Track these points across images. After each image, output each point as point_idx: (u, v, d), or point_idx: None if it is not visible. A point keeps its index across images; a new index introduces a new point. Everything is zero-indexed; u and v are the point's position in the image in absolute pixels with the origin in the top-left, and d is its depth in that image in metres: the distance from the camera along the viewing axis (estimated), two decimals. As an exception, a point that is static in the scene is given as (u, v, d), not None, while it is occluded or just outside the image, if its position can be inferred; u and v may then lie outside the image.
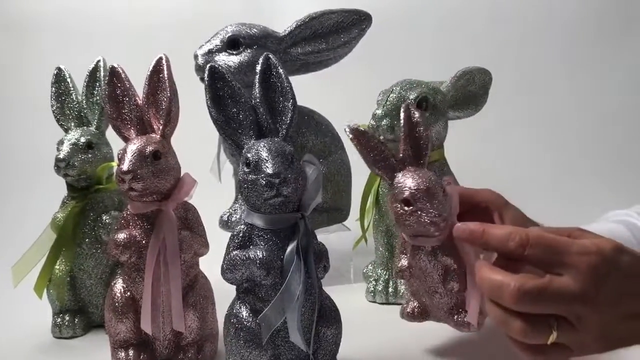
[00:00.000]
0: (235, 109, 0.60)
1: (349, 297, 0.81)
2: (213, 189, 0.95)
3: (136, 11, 1.52)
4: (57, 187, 0.82)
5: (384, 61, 1.37)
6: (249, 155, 0.57)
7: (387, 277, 0.88)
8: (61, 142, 0.78)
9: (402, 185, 0.59)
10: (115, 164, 0.76)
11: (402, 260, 0.65)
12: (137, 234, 0.63)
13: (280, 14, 1.41)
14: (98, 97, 0.81)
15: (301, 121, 0.92)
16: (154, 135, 0.64)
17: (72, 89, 0.81)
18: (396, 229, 0.65)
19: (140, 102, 0.64)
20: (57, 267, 0.79)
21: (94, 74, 0.82)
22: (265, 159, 0.55)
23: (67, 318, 0.79)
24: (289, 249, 0.57)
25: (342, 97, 1.34)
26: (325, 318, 0.60)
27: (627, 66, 1.49)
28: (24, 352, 0.76)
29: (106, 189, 0.80)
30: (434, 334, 0.72)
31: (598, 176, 1.39)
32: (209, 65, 0.60)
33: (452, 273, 0.61)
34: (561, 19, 1.51)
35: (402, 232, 0.63)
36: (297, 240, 0.57)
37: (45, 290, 0.80)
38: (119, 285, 0.67)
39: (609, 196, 1.19)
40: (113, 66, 0.65)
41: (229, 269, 0.58)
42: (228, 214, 0.95)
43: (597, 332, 0.46)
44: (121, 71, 0.64)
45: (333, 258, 0.63)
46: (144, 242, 0.63)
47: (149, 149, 0.62)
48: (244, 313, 0.58)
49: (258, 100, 0.60)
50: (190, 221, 0.66)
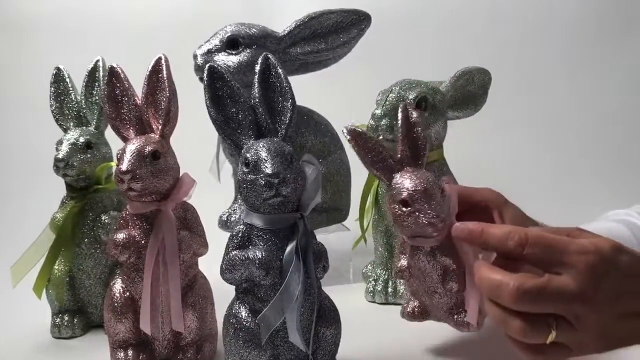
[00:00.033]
0: (234, 109, 0.60)
1: (348, 297, 0.81)
2: (212, 189, 0.95)
3: (136, 11, 1.53)
4: (56, 187, 0.82)
5: (383, 61, 1.37)
6: (248, 155, 0.57)
7: (386, 277, 0.88)
8: (60, 142, 0.78)
9: (399, 186, 0.59)
10: (114, 164, 0.76)
11: (401, 261, 0.65)
12: (136, 234, 0.63)
13: (280, 14, 1.41)
14: (97, 97, 0.81)
15: (300, 121, 0.92)
16: (153, 135, 0.64)
17: (71, 89, 0.81)
18: (395, 229, 0.65)
19: (139, 102, 0.64)
20: (56, 267, 0.79)
21: (93, 73, 0.82)
22: (265, 159, 0.55)
23: (66, 318, 0.79)
24: (288, 249, 0.56)
25: (341, 97, 1.34)
26: (324, 318, 0.60)
27: (627, 66, 1.49)
28: (23, 352, 0.76)
29: (105, 189, 0.80)
30: (433, 334, 0.72)
31: (598, 176, 1.39)
32: (208, 65, 0.60)
33: (451, 273, 0.60)
34: (561, 19, 1.51)
35: (401, 233, 0.63)
36: (296, 241, 0.57)
37: (45, 291, 0.80)
38: (118, 286, 0.67)
39: (609, 196, 1.19)
40: (112, 66, 0.65)
41: (228, 269, 0.58)
42: (227, 214, 0.95)
43: (596, 332, 0.46)
44: (120, 71, 0.64)
45: (332, 258, 0.63)
46: (143, 242, 0.63)
47: (148, 149, 0.62)
48: (243, 313, 0.58)
49: (257, 100, 0.60)
50: (189, 221, 0.66)
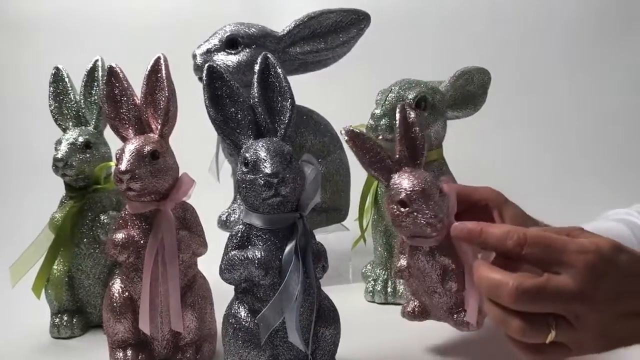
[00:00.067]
0: (233, 109, 0.60)
1: (348, 297, 0.81)
2: (211, 188, 0.95)
3: (135, 11, 1.53)
4: (55, 187, 0.81)
5: (383, 61, 1.37)
6: (247, 155, 0.56)
7: (385, 277, 0.88)
8: (59, 142, 0.78)
9: (398, 187, 0.59)
10: (113, 163, 0.76)
11: (401, 261, 0.65)
12: (135, 234, 0.63)
13: (279, 13, 1.41)
14: (96, 97, 0.81)
15: (300, 121, 0.92)
16: (152, 135, 0.64)
17: (70, 88, 0.81)
18: (394, 229, 0.65)
19: (138, 101, 0.64)
20: (55, 267, 0.79)
21: (92, 73, 0.81)
22: (264, 158, 0.55)
23: (65, 318, 0.79)
24: (287, 249, 0.56)
25: (340, 96, 1.34)
26: (323, 318, 0.60)
27: (627, 66, 1.49)
28: (22, 353, 0.76)
29: (104, 189, 0.80)
30: (433, 334, 0.72)
31: (598, 176, 1.38)
32: (207, 64, 0.60)
33: (450, 273, 0.60)
34: (561, 19, 1.51)
35: (399, 233, 0.63)
36: (295, 240, 0.56)
37: (44, 291, 0.79)
38: (117, 286, 0.66)
39: (609, 196, 1.19)
40: (111, 66, 0.64)
41: (227, 269, 0.58)
42: (226, 213, 0.95)
43: (596, 331, 0.46)
44: (119, 71, 0.64)
45: (332, 258, 0.63)
46: (142, 242, 0.63)
47: (147, 148, 0.61)
48: (243, 313, 0.58)
49: (256, 99, 0.60)
50: (188, 221, 0.66)
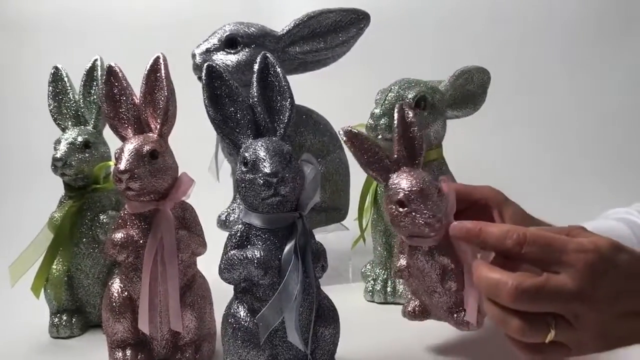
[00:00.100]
0: (232, 108, 0.60)
1: (347, 297, 0.81)
2: (211, 188, 0.95)
3: (135, 11, 1.52)
4: (55, 187, 0.81)
5: (383, 60, 1.37)
6: (246, 154, 0.56)
7: (385, 276, 0.88)
8: (58, 142, 0.77)
9: (396, 187, 0.59)
10: (112, 163, 0.76)
11: (400, 260, 0.65)
12: (134, 233, 0.63)
13: (279, 13, 1.41)
14: (95, 97, 0.81)
15: (299, 120, 0.92)
16: (151, 134, 0.64)
17: (69, 88, 0.81)
18: (393, 229, 0.65)
19: (137, 101, 0.64)
20: (54, 266, 0.79)
21: (91, 73, 0.81)
22: (263, 158, 0.55)
23: (64, 318, 0.79)
24: (286, 248, 0.56)
25: (340, 96, 1.34)
26: (323, 318, 0.60)
27: (627, 66, 1.49)
28: (22, 352, 0.76)
29: (103, 189, 0.80)
30: (432, 333, 0.72)
31: (598, 176, 1.38)
32: (206, 64, 0.60)
33: (449, 272, 0.60)
34: (561, 19, 1.51)
35: (398, 233, 0.63)
36: (295, 240, 0.56)
37: (43, 290, 0.79)
38: (116, 285, 0.66)
39: (609, 196, 1.19)
40: (110, 65, 0.64)
41: (226, 269, 0.57)
42: (226, 213, 0.95)
43: (595, 331, 0.46)
44: (118, 70, 0.64)
45: (331, 257, 0.63)
46: (141, 241, 0.63)
47: (146, 148, 0.61)
48: (242, 313, 0.58)
49: (256, 99, 0.60)
50: (187, 221, 0.66)
